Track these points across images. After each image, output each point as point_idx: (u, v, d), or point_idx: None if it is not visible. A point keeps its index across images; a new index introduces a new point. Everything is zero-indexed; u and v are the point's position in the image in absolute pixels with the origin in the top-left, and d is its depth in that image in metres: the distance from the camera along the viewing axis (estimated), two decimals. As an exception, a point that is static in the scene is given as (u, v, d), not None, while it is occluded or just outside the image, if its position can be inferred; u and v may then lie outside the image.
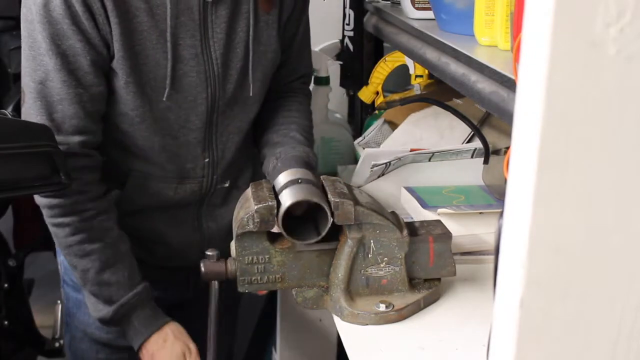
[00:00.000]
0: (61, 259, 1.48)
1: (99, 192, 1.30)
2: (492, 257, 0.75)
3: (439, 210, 1.41)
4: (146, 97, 1.26)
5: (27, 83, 1.22)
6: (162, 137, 1.32)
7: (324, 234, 1.13)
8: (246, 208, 1.14)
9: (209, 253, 1.19)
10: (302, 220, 1.17)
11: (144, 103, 1.26)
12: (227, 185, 1.43)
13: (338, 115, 1.98)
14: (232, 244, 1.17)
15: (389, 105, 1.80)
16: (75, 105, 1.22)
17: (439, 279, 1.22)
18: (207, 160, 1.37)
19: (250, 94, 1.35)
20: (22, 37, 1.22)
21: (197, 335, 1.39)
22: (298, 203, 1.13)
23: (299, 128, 1.41)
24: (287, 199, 1.13)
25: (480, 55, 1.10)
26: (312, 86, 1.79)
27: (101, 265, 1.29)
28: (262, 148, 1.41)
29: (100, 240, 1.29)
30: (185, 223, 1.43)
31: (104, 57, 1.22)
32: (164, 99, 1.26)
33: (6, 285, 2.07)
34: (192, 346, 1.35)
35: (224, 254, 1.21)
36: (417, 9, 1.52)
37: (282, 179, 1.19)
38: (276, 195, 1.16)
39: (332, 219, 1.12)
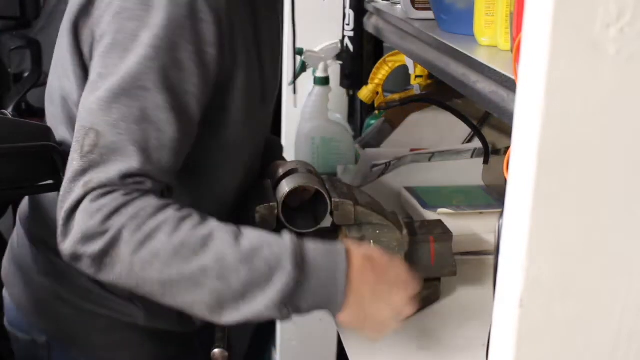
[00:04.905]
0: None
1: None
2: (492, 257, 0.75)
3: (439, 210, 1.41)
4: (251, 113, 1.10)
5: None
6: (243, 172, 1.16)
7: (322, 222, 1.13)
8: (246, 208, 1.14)
9: None
10: (301, 213, 1.18)
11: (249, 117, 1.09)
12: None
13: (338, 115, 1.98)
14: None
15: (389, 105, 1.80)
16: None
17: (439, 279, 1.22)
18: None
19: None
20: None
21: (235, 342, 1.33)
22: (296, 192, 1.13)
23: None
24: (285, 186, 1.14)
25: (480, 56, 1.10)
26: (312, 86, 1.80)
27: (228, 241, 0.89)
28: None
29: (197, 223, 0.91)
30: None
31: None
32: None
33: (6, 285, 2.06)
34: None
35: None
36: (417, 9, 1.51)
37: (281, 171, 1.19)
38: (274, 190, 1.16)
39: (330, 206, 1.12)
